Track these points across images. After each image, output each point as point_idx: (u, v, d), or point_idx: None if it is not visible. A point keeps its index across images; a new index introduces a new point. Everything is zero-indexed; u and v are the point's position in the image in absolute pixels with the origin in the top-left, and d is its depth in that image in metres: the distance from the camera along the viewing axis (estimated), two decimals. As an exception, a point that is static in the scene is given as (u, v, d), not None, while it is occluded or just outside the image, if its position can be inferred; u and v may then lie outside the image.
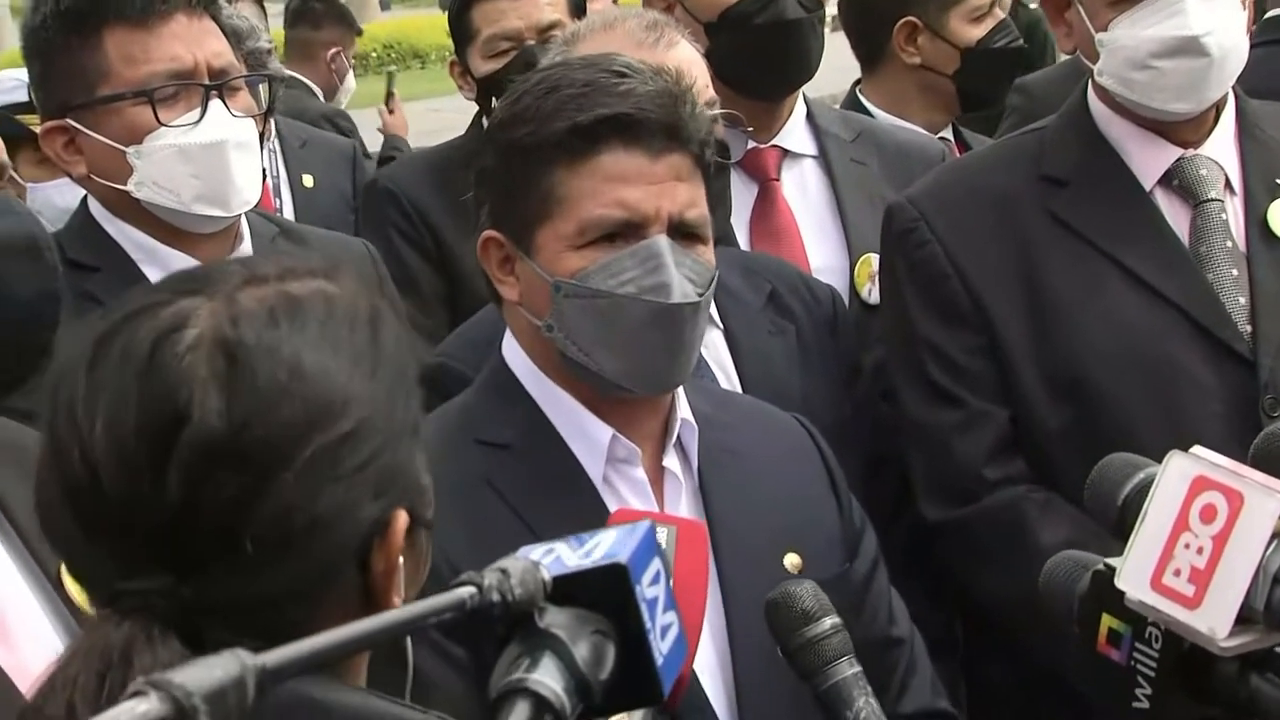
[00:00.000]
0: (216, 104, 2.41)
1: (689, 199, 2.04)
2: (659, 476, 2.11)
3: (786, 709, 1.96)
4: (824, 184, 3.12)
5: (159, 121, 2.39)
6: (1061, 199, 2.59)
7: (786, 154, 3.13)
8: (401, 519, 1.35)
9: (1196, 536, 1.40)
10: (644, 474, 2.09)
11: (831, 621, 1.80)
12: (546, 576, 1.18)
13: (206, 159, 2.40)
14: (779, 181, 3.11)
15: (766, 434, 2.26)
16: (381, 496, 1.33)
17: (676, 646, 1.23)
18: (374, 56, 24.34)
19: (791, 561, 2.11)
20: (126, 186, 2.42)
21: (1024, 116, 3.74)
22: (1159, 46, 2.45)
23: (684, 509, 2.08)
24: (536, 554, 1.22)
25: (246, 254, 2.50)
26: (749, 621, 1.94)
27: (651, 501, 2.08)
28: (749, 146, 3.06)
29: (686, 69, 2.19)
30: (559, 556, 1.22)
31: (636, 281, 2.00)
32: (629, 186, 2.00)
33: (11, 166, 1.91)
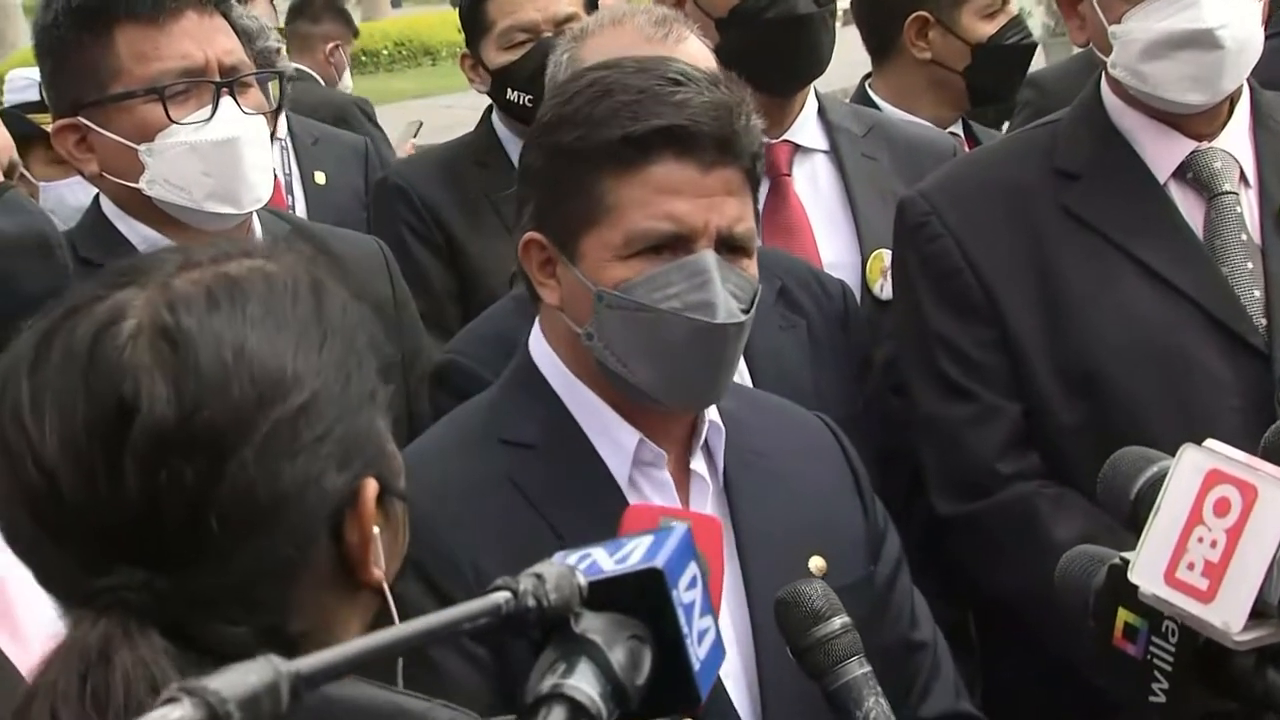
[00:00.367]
0: (227, 101, 2.41)
1: (738, 213, 2.02)
2: (685, 478, 2.10)
3: (810, 711, 1.94)
4: (835, 179, 3.11)
5: (170, 119, 2.38)
6: (1074, 192, 2.58)
7: (798, 149, 3.13)
8: (371, 487, 1.34)
9: (1210, 530, 1.40)
10: (669, 476, 2.08)
11: (841, 621, 1.79)
12: (582, 581, 1.18)
13: (218, 156, 2.40)
14: (790, 177, 3.10)
15: (791, 434, 2.25)
16: (347, 466, 1.32)
17: (713, 651, 1.23)
18: (385, 53, 24.39)
19: (816, 564, 2.10)
20: (138, 184, 2.42)
21: (1036, 111, 3.74)
22: (1172, 39, 2.44)
23: (709, 511, 2.06)
24: (572, 559, 1.21)
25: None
26: (773, 624, 1.92)
27: (675, 503, 2.07)
28: (760, 142, 3.06)
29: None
30: (595, 561, 1.21)
31: (682, 297, 1.97)
32: (679, 199, 1.98)
33: (23, 165, 1.90)
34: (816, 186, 3.11)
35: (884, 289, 2.98)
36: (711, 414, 2.12)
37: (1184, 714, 1.44)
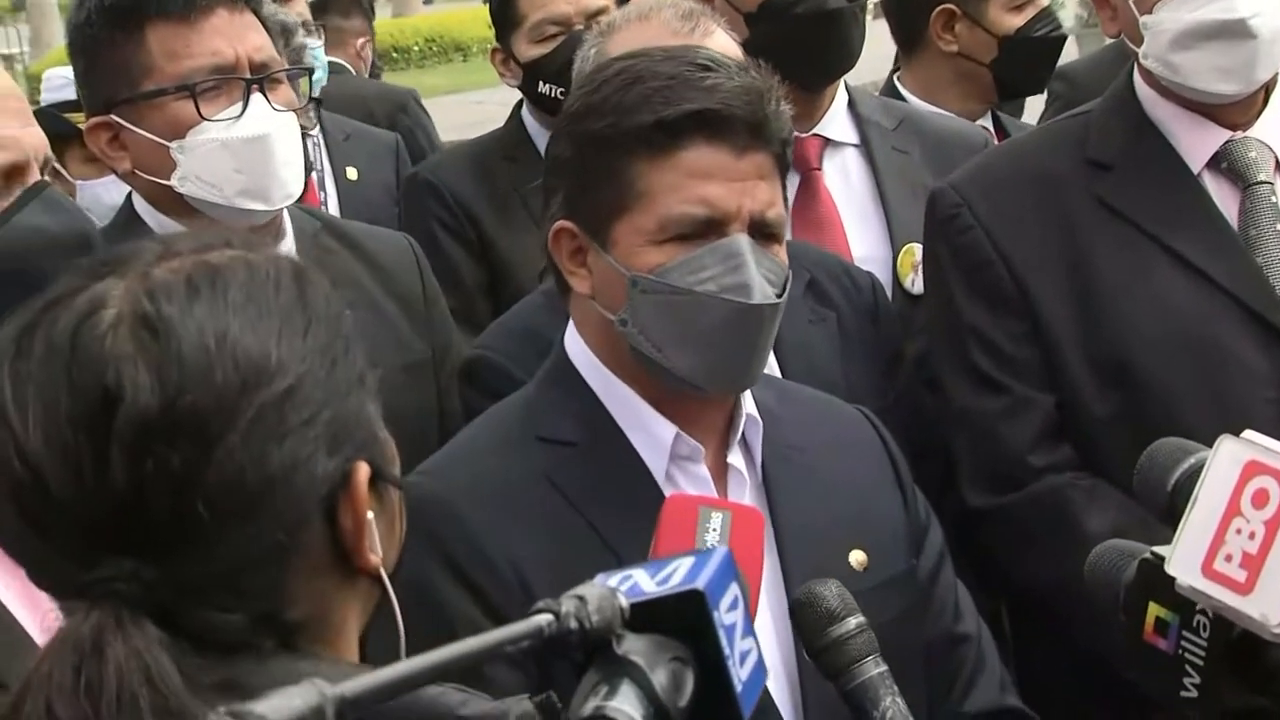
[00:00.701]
0: (258, 98, 2.43)
1: (769, 198, 2.02)
2: (723, 473, 2.09)
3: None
4: (866, 173, 3.11)
5: (201, 116, 2.40)
6: (1107, 183, 2.57)
7: (828, 143, 3.12)
8: (363, 470, 1.34)
9: (1248, 521, 1.39)
10: (707, 471, 2.07)
11: (856, 621, 1.78)
12: (624, 603, 1.18)
13: (248, 153, 2.41)
14: (821, 171, 3.10)
15: (831, 428, 2.24)
16: (337, 450, 1.32)
17: (755, 672, 1.23)
18: (415, 49, 24.45)
19: (857, 558, 2.09)
20: (170, 181, 2.43)
21: (1067, 103, 3.73)
22: (1204, 29, 2.43)
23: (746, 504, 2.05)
24: (614, 580, 1.21)
25: (289, 249, 2.51)
26: None
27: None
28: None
29: None
30: (636, 583, 1.21)
31: (717, 280, 1.97)
32: (712, 183, 1.98)
33: (60, 163, 1.91)
34: (847, 181, 3.11)
35: (915, 283, 2.97)
36: (748, 407, 2.12)
37: (1216, 709, 1.43)
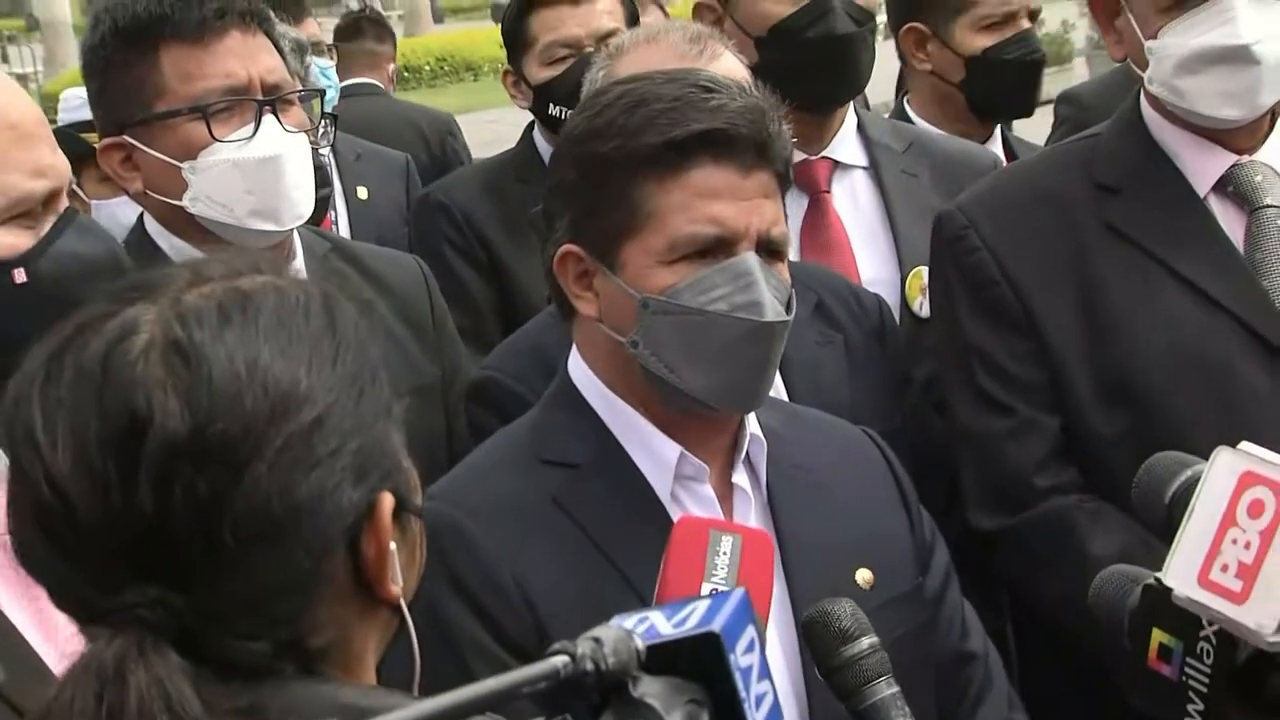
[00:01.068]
0: (270, 119, 2.44)
1: (775, 216, 2.04)
2: (728, 493, 2.10)
3: None
4: (875, 195, 3.11)
5: (213, 137, 2.42)
6: (1114, 206, 2.57)
7: (837, 165, 3.13)
8: (387, 501, 1.34)
9: (1244, 531, 1.40)
10: (712, 491, 2.08)
11: (869, 641, 1.77)
12: (640, 645, 1.17)
13: (260, 173, 2.43)
14: (830, 193, 3.10)
15: (835, 448, 2.25)
16: (363, 480, 1.32)
17: (771, 715, 1.22)
18: (427, 69, 24.50)
19: (863, 577, 2.10)
20: (181, 202, 2.45)
21: (1074, 125, 3.73)
22: (1208, 54, 2.43)
23: (753, 525, 2.05)
24: (629, 622, 1.20)
25: (299, 270, 2.52)
26: None
27: (719, 517, 2.06)
28: (799, 158, 3.06)
29: None
30: (653, 624, 1.20)
31: (728, 299, 1.98)
32: (720, 202, 1.99)
33: (77, 183, 1.93)
34: (856, 203, 3.11)
35: (923, 306, 2.97)
36: (753, 427, 2.13)
37: (1220, 736, 1.43)
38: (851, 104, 3.18)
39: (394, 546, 1.35)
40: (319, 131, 2.60)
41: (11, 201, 1.72)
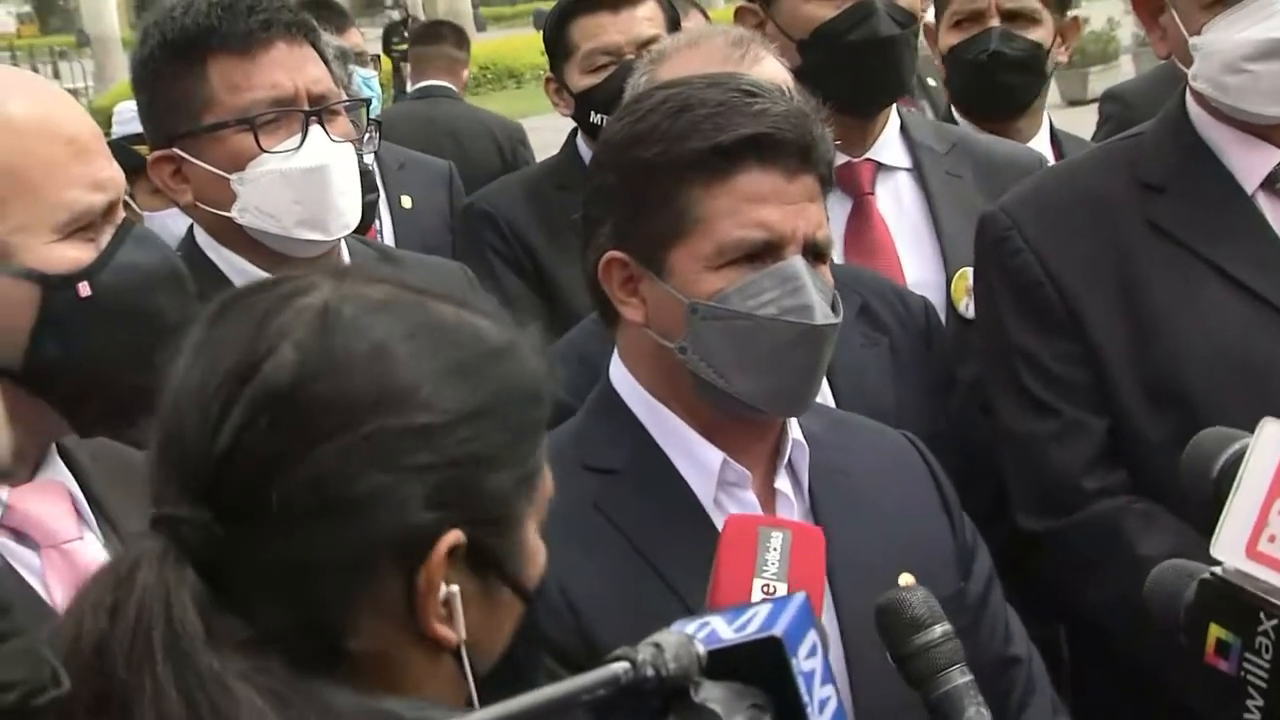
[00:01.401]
0: (316, 130, 2.46)
1: (819, 219, 2.04)
2: (770, 498, 2.10)
3: None
4: (919, 197, 3.11)
5: (260, 148, 2.44)
6: (1159, 205, 2.55)
7: (880, 167, 3.12)
8: (452, 537, 1.32)
9: None
10: (754, 496, 2.08)
11: (942, 629, 1.75)
12: (701, 650, 1.17)
13: (307, 184, 2.45)
14: (873, 195, 3.10)
15: (877, 453, 2.24)
16: (438, 509, 1.32)
17: (836, 719, 1.22)
18: (470, 77, 24.59)
19: (906, 581, 2.08)
20: (230, 213, 2.47)
21: (1119, 124, 3.70)
22: (1253, 49, 2.41)
23: None
24: (691, 627, 1.21)
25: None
26: (864, 642, 1.90)
27: None
28: (842, 161, 3.06)
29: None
30: (714, 630, 1.21)
31: (777, 303, 1.99)
32: (767, 207, 1.99)
33: (129, 195, 1.95)
34: (900, 205, 3.10)
35: (969, 307, 2.96)
36: (795, 432, 2.13)
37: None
38: (895, 105, 3.18)
39: (453, 589, 1.33)
40: (364, 139, 2.62)
41: (74, 216, 1.74)
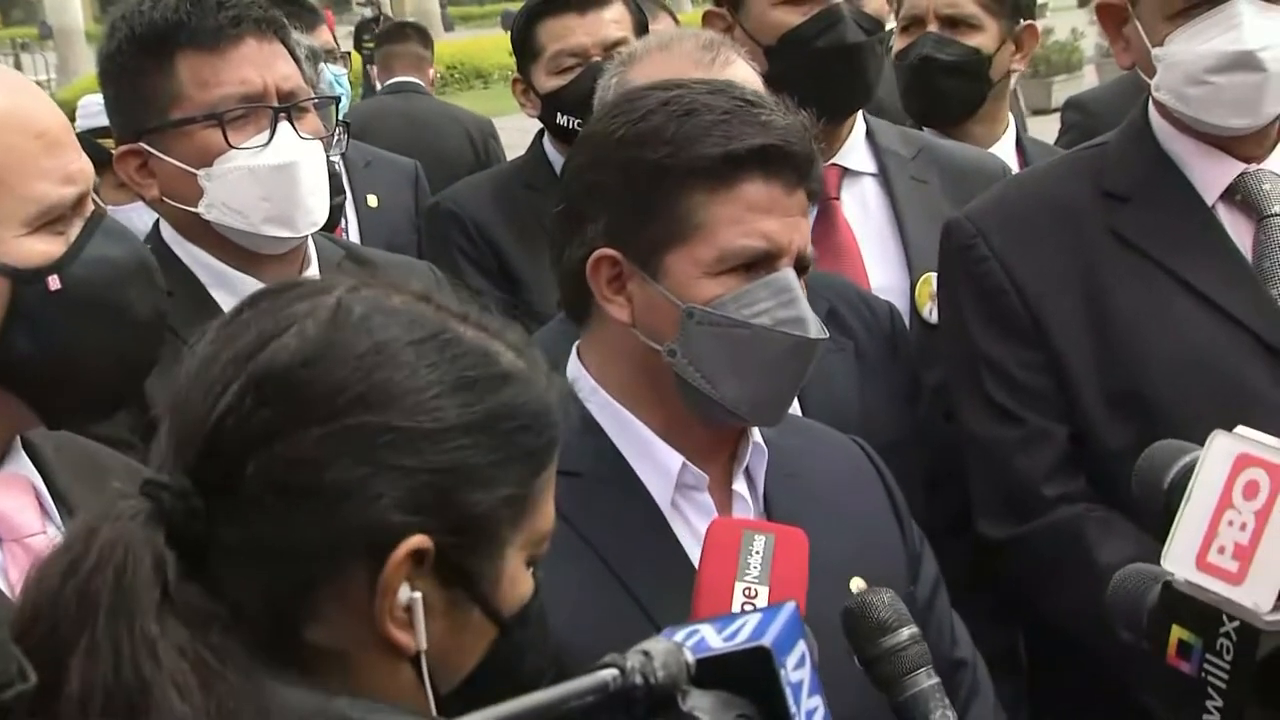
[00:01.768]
0: (285, 126, 2.45)
1: (807, 233, 2.06)
2: (726, 501, 2.10)
3: None
4: (884, 202, 3.12)
5: (228, 144, 2.43)
6: (1123, 215, 2.57)
7: (846, 172, 3.14)
8: (416, 541, 1.32)
9: (1240, 513, 1.42)
10: (710, 499, 2.09)
11: (909, 632, 1.77)
12: (690, 659, 1.17)
13: (275, 181, 2.44)
14: (839, 200, 3.11)
15: (828, 457, 2.26)
16: (412, 513, 1.32)
17: None
18: (436, 76, 24.51)
19: (857, 585, 2.09)
20: (197, 208, 2.46)
21: (1082, 133, 3.74)
22: (1214, 61, 2.43)
23: None
24: (680, 636, 1.21)
25: (314, 276, 2.53)
26: (820, 642, 1.92)
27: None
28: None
29: None
30: (703, 638, 1.21)
31: (771, 313, 2.00)
32: (769, 217, 2.00)
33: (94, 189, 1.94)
34: (865, 210, 3.12)
35: (933, 312, 2.98)
36: (755, 436, 2.13)
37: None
38: (861, 111, 3.20)
39: (415, 595, 1.33)
40: (333, 139, 2.61)
41: (44, 209, 1.73)
